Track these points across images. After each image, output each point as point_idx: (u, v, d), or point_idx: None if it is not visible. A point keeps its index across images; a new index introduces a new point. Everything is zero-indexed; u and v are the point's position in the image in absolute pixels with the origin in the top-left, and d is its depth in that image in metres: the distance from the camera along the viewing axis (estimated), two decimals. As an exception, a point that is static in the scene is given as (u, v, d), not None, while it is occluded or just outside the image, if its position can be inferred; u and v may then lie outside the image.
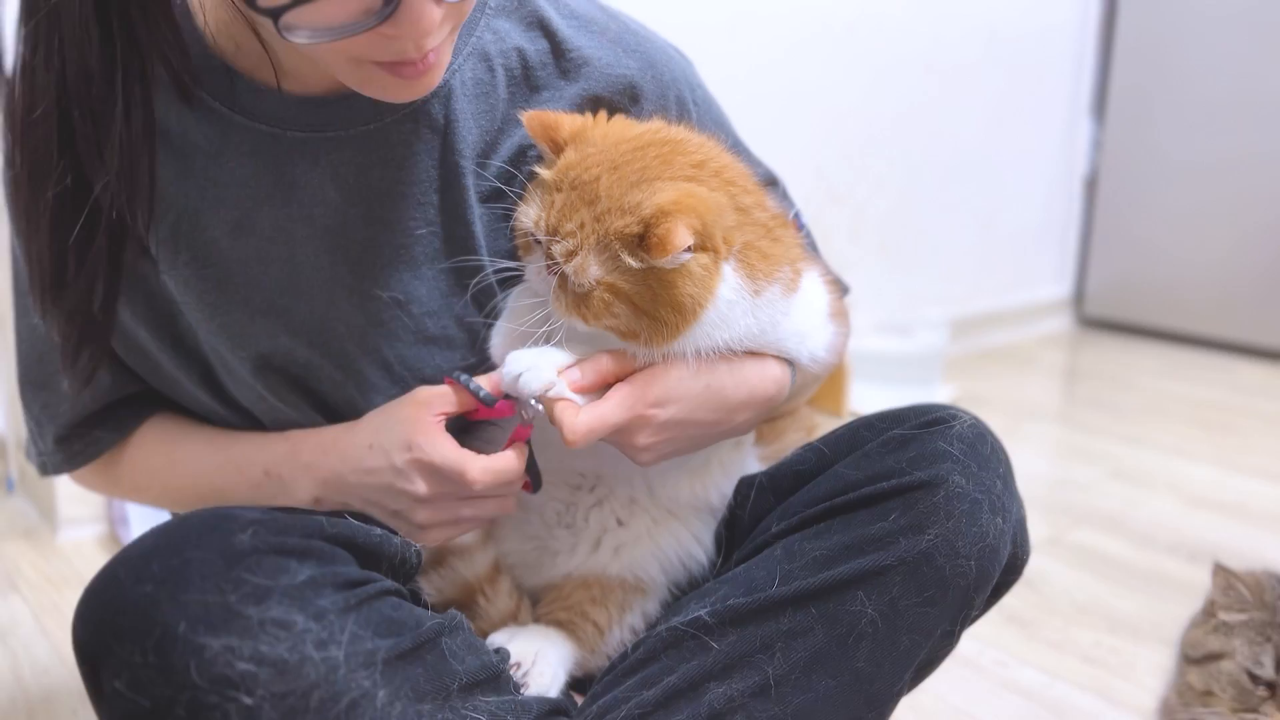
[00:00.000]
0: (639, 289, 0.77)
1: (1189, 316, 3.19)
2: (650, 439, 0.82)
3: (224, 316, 0.87)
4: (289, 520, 0.72)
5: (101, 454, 0.94)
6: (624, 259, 0.76)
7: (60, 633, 1.46)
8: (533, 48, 0.89)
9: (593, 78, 0.90)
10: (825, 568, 0.77)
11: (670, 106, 0.93)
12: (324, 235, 0.86)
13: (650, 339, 0.78)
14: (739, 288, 0.79)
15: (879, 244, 2.85)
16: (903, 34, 2.75)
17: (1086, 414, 2.62)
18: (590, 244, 0.76)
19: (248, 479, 0.90)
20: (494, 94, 0.88)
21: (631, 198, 0.76)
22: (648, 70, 0.92)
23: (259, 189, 0.84)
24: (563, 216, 0.77)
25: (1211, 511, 1.95)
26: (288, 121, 0.83)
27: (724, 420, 0.85)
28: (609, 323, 0.77)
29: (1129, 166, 3.29)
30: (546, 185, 0.80)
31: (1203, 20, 3.04)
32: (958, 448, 0.78)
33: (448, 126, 0.87)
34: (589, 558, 0.91)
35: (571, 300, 0.78)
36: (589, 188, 0.77)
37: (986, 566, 0.77)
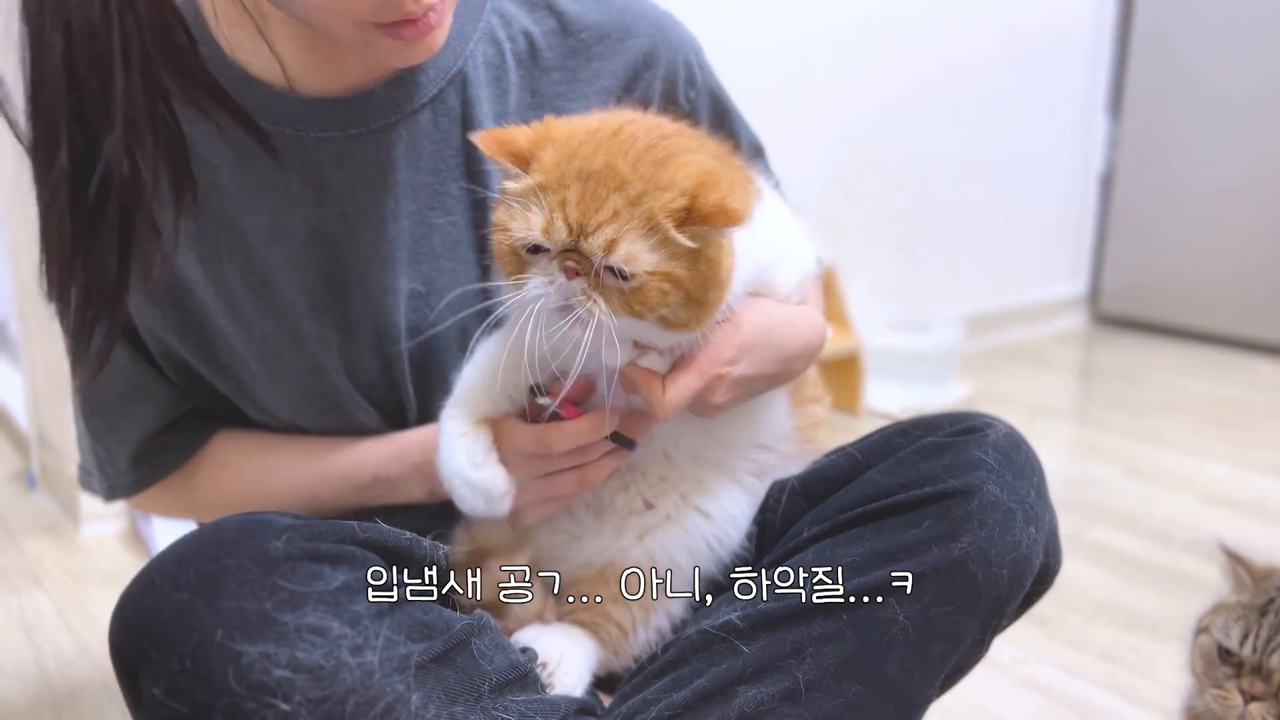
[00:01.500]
0: (691, 273, 0.74)
1: (1205, 314, 3.18)
2: (724, 396, 0.83)
3: (272, 321, 0.88)
4: (321, 526, 0.73)
5: (172, 471, 0.94)
6: (675, 238, 0.73)
7: (83, 627, 1.48)
8: (539, 29, 0.91)
9: (606, 55, 0.91)
10: (858, 574, 0.77)
11: (679, 69, 0.95)
12: (355, 232, 0.87)
13: (695, 324, 0.77)
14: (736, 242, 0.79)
15: (894, 241, 2.85)
16: (919, 31, 2.74)
17: (1102, 411, 2.62)
18: (634, 228, 0.72)
19: (354, 484, 0.91)
20: (505, 78, 0.90)
21: (664, 175, 0.73)
22: (658, 35, 0.93)
23: (289, 192, 0.86)
24: (587, 210, 0.72)
25: (1229, 509, 1.94)
26: (310, 123, 0.84)
27: (784, 370, 0.88)
28: (663, 313, 0.75)
29: (1145, 163, 3.28)
30: (537, 189, 0.75)
31: (1219, 17, 3.03)
32: (992, 456, 0.79)
33: (465, 113, 0.88)
34: (613, 541, 0.91)
35: (619, 298, 0.73)
36: (608, 174, 0.73)
37: (1019, 575, 0.78)
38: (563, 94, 0.92)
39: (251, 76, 0.84)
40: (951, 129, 2.92)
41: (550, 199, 0.73)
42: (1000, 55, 2.96)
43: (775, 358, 0.86)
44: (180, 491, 0.97)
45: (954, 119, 2.91)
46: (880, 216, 2.79)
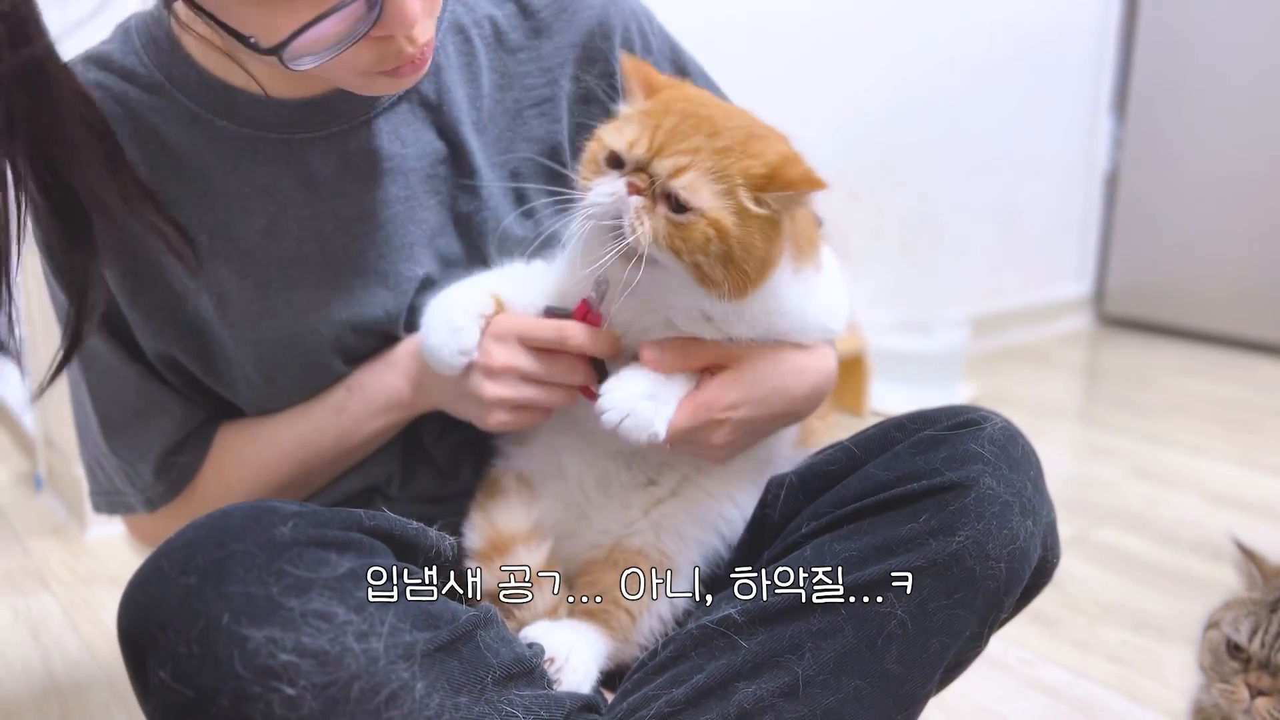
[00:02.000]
0: (740, 233, 0.78)
1: (1210, 315, 3.17)
2: (725, 439, 0.87)
3: (270, 322, 0.89)
4: (328, 513, 0.73)
5: (195, 474, 0.96)
6: (741, 197, 0.77)
7: (90, 628, 1.48)
8: (501, 13, 0.95)
9: (564, 29, 0.95)
10: (855, 568, 0.77)
11: (634, 36, 0.98)
12: (347, 225, 0.90)
13: (723, 289, 0.79)
14: (786, 262, 0.83)
15: (899, 242, 2.85)
16: (923, 30, 2.75)
17: (1108, 412, 2.61)
18: (705, 168, 0.77)
19: (332, 406, 0.93)
20: (475, 61, 0.93)
21: (754, 145, 0.79)
22: (609, 5, 0.97)
23: (281, 193, 0.88)
24: (673, 137, 0.78)
25: (1236, 510, 1.94)
26: (294, 125, 0.87)
27: (790, 413, 0.91)
28: (699, 259, 0.78)
29: (1149, 164, 3.27)
30: (643, 114, 0.81)
31: (1224, 18, 3.02)
32: (989, 450, 0.79)
33: (441, 100, 0.92)
34: (621, 514, 0.92)
35: (668, 226, 0.77)
36: (706, 121, 0.79)
37: (1016, 569, 0.77)
38: (530, 72, 0.95)
39: (230, 86, 0.86)
40: (956, 129, 2.92)
41: (647, 122, 0.80)
42: (1005, 55, 2.96)
43: (780, 403, 0.88)
44: (188, 500, 0.98)
45: (958, 119, 2.91)
46: (885, 217, 2.79)
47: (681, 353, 0.85)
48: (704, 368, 0.87)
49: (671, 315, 0.85)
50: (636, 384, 0.82)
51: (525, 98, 0.95)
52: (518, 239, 0.96)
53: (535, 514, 0.93)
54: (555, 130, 0.95)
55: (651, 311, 0.86)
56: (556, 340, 0.85)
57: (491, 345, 0.86)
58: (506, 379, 0.86)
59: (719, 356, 0.86)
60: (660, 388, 0.83)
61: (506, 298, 0.87)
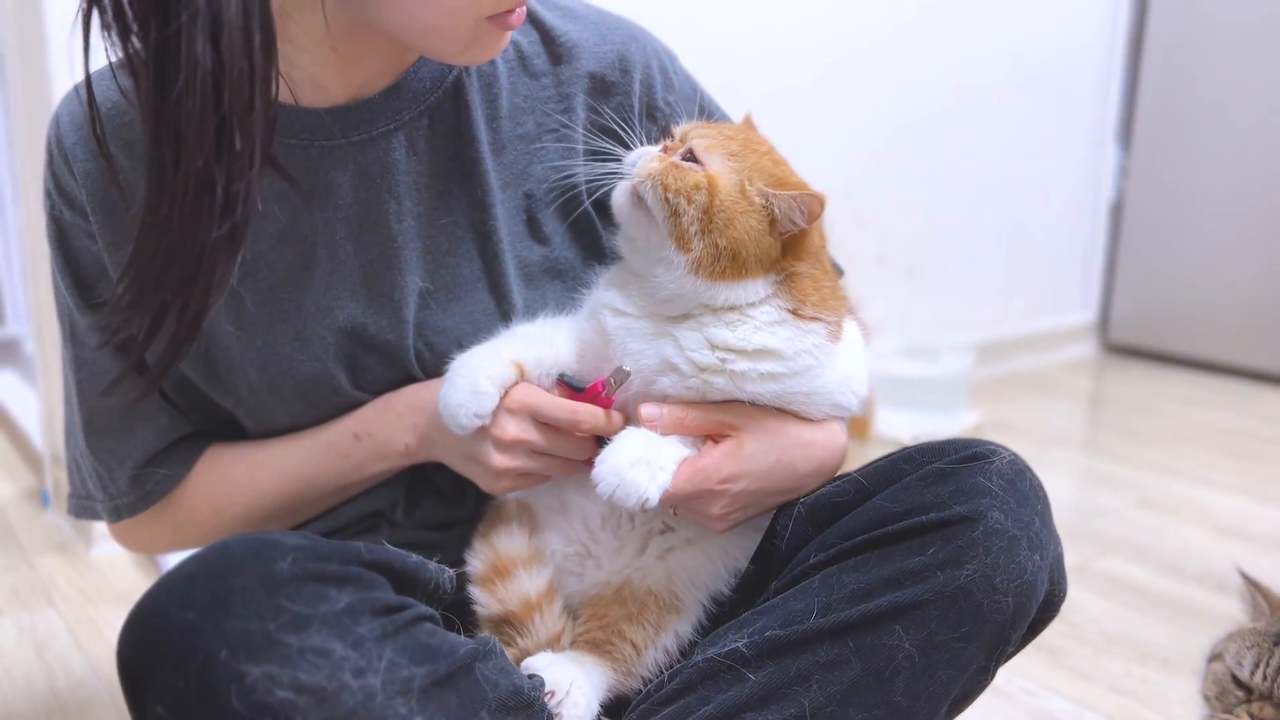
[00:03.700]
0: (729, 203, 0.83)
1: (1214, 344, 3.17)
2: (723, 510, 0.86)
3: (279, 325, 0.90)
4: (328, 547, 0.74)
5: (169, 491, 0.96)
6: (747, 186, 0.84)
7: (95, 646, 1.48)
8: (526, 39, 0.96)
9: (584, 58, 0.96)
10: (862, 600, 0.78)
11: (655, 74, 1.00)
12: (360, 234, 0.91)
13: (698, 259, 0.83)
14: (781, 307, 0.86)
15: (905, 268, 2.86)
16: (930, 60, 2.76)
17: (1112, 441, 2.61)
18: (729, 152, 0.85)
19: (337, 451, 0.94)
20: (496, 84, 0.94)
21: (777, 171, 0.87)
22: (631, 42, 0.99)
23: (296, 199, 0.88)
24: (707, 133, 0.87)
25: (1240, 541, 1.94)
26: (314, 132, 0.88)
27: (794, 488, 0.90)
28: (680, 203, 0.83)
29: (1154, 193, 3.28)
30: (699, 128, 0.90)
31: (1229, 48, 3.04)
32: (997, 483, 0.79)
33: (459, 119, 0.93)
34: (633, 560, 0.92)
35: (669, 166, 0.84)
36: (741, 139, 0.88)
37: (1024, 603, 0.78)
38: (549, 97, 0.97)
39: None
40: (963, 156, 2.93)
41: (697, 129, 0.89)
42: (1011, 84, 2.98)
43: (782, 478, 0.88)
44: (172, 513, 0.98)
45: (965, 147, 2.93)
46: (891, 243, 2.80)
47: (679, 414, 0.85)
48: (705, 433, 0.86)
49: (667, 353, 0.85)
50: (630, 451, 0.82)
51: (545, 122, 0.96)
52: (531, 261, 0.96)
53: (537, 541, 0.93)
54: (569, 155, 0.96)
55: (650, 344, 0.86)
56: (569, 422, 0.86)
57: (505, 418, 0.86)
58: (516, 451, 0.87)
59: (719, 424, 0.86)
60: (656, 452, 0.83)
61: (527, 363, 0.88)
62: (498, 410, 0.85)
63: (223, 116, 0.68)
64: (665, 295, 0.86)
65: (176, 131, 0.68)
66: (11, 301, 2.96)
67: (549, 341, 0.89)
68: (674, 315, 0.87)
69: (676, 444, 0.85)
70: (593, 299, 0.92)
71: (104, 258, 0.89)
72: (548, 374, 0.88)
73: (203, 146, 0.68)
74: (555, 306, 0.95)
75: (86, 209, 0.88)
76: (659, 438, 0.84)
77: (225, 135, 0.68)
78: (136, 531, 1.00)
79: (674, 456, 0.83)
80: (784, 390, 0.86)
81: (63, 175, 0.89)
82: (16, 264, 2.92)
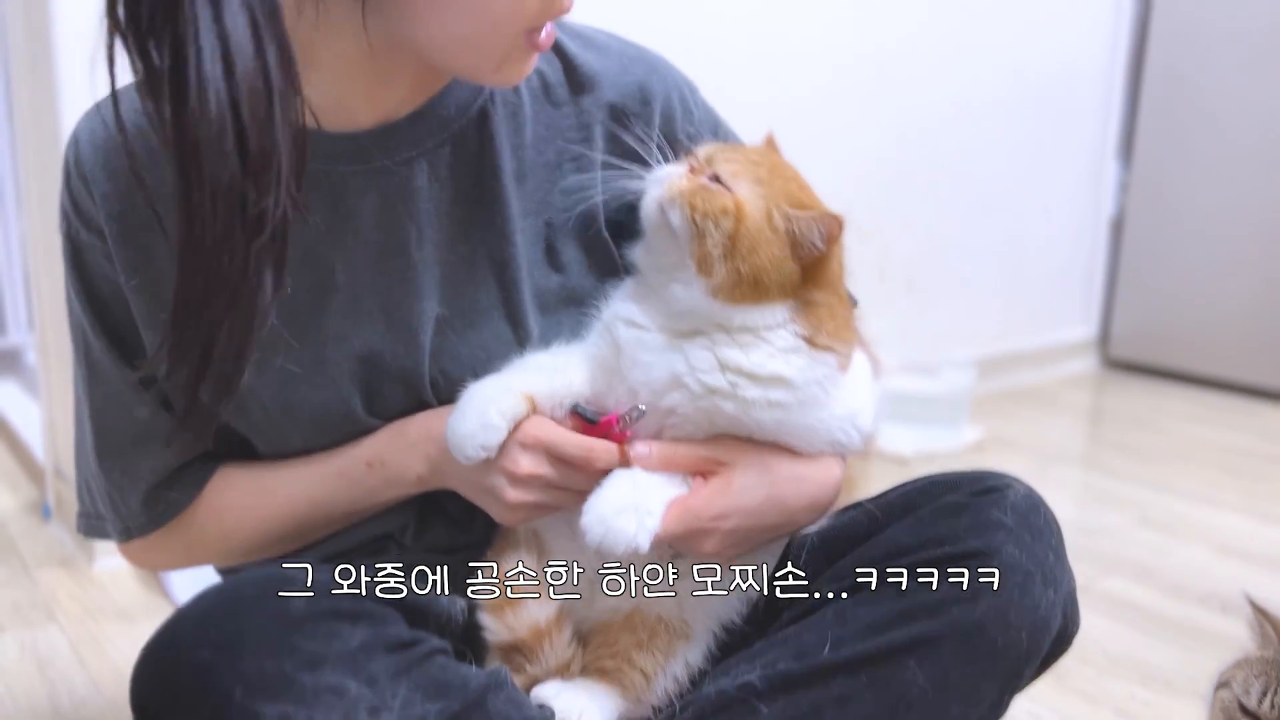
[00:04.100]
0: (754, 230, 0.84)
1: (1214, 360, 3.18)
2: (715, 546, 0.86)
3: (296, 350, 0.90)
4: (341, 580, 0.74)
5: (179, 513, 0.96)
6: (773, 213, 0.84)
7: (98, 663, 1.48)
8: (549, 68, 0.96)
9: (606, 88, 0.96)
10: (876, 634, 0.78)
11: (675, 105, 1.00)
12: (379, 260, 0.90)
13: (718, 283, 0.84)
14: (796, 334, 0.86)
15: (906, 283, 2.86)
16: (932, 76, 2.77)
17: (1113, 458, 2.61)
18: (755, 178, 0.86)
19: (349, 478, 0.93)
20: (521, 112, 0.94)
21: (801, 195, 0.89)
22: (653, 74, 0.99)
23: (317, 224, 0.88)
24: (732, 156, 0.88)
25: (1243, 561, 1.94)
26: (336, 157, 0.87)
27: (787, 522, 0.89)
28: (708, 226, 0.83)
29: (1155, 209, 3.29)
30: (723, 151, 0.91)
31: (1231, 65, 3.05)
32: (1011, 518, 0.79)
33: (483, 148, 0.92)
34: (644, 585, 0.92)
35: (696, 186, 0.85)
36: (768, 163, 0.89)
37: (1037, 638, 0.78)
38: (570, 126, 0.97)
39: None
40: (963, 172, 2.94)
41: (722, 152, 0.90)
42: (1012, 100, 2.99)
43: (774, 514, 0.88)
44: (181, 533, 0.98)
45: (966, 162, 2.93)
46: (891, 258, 2.81)
47: (670, 452, 0.85)
48: (696, 470, 0.86)
49: (676, 368, 0.85)
50: (616, 497, 0.82)
51: (566, 151, 0.96)
52: (548, 289, 0.97)
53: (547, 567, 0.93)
54: (588, 184, 0.96)
55: (660, 357, 0.86)
56: (583, 459, 0.85)
57: (518, 453, 0.85)
58: (530, 486, 0.86)
59: (709, 460, 0.86)
60: (644, 495, 0.82)
61: (540, 395, 0.88)
62: (511, 444, 0.85)
63: (242, 133, 0.68)
64: (680, 310, 0.86)
65: (197, 151, 0.68)
66: (13, 310, 2.95)
67: (562, 371, 0.89)
68: (686, 330, 0.87)
69: (665, 483, 0.85)
70: (607, 312, 0.92)
71: (119, 279, 0.89)
72: (560, 405, 0.88)
73: (225, 164, 0.68)
74: (570, 334, 0.95)
75: (104, 230, 0.88)
76: (647, 478, 0.84)
77: (246, 152, 0.69)
78: (146, 551, 1.00)
79: (662, 498, 0.83)
80: (786, 420, 0.86)
81: (81, 196, 0.89)
82: (19, 273, 2.91)
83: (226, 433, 0.96)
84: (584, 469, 0.86)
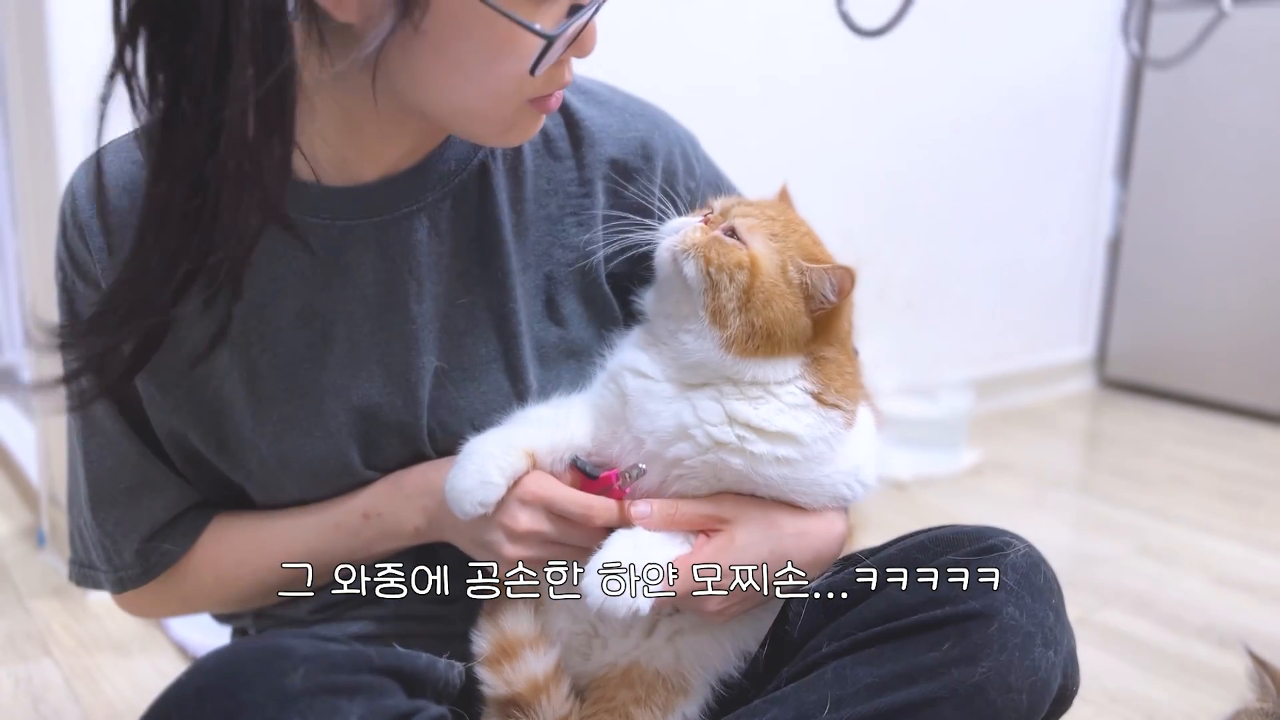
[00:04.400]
0: (769, 284, 0.84)
1: (1210, 382, 3.18)
2: (719, 605, 0.86)
3: (295, 402, 0.90)
4: (338, 655, 0.73)
5: (174, 564, 0.96)
6: (788, 267, 0.85)
7: (91, 697, 1.47)
8: (551, 122, 0.95)
9: (607, 143, 0.96)
10: (877, 695, 0.77)
11: (677, 161, 1.00)
12: (379, 314, 0.90)
13: (731, 336, 0.84)
14: (805, 389, 0.86)
15: (904, 303, 2.86)
16: (930, 98, 2.78)
17: (1110, 482, 2.61)
18: (770, 233, 0.86)
19: (346, 530, 0.93)
20: (521, 166, 0.94)
21: (814, 250, 0.89)
22: (655, 130, 0.99)
23: (316, 277, 0.88)
24: (749, 210, 0.89)
25: (1241, 591, 1.93)
26: (336, 212, 0.87)
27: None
28: (723, 280, 0.84)
29: (1152, 229, 3.30)
30: (741, 203, 0.92)
31: (1228, 86, 3.06)
32: (1012, 577, 0.79)
33: (483, 201, 0.92)
34: (641, 643, 0.91)
35: (712, 240, 0.85)
36: (784, 219, 0.89)
37: (1037, 700, 0.77)
38: (573, 179, 0.96)
39: None
40: (961, 192, 2.94)
41: (739, 206, 0.91)
42: (1011, 120, 2.99)
43: (779, 569, 0.87)
44: (177, 583, 0.97)
45: (964, 183, 2.94)
46: (891, 280, 2.81)
47: (671, 510, 0.85)
48: (697, 529, 0.86)
49: (685, 419, 0.85)
50: (617, 558, 0.81)
51: (567, 205, 0.96)
52: (548, 342, 0.96)
53: (543, 621, 0.92)
54: (589, 239, 0.96)
55: (668, 406, 0.86)
56: (582, 516, 0.85)
57: (517, 510, 0.85)
58: (529, 542, 0.86)
59: (710, 518, 0.86)
60: (646, 555, 0.81)
61: (540, 450, 0.87)
62: (510, 500, 0.85)
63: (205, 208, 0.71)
64: (690, 362, 0.86)
65: (165, 209, 0.72)
66: (8, 329, 2.95)
67: (563, 425, 0.89)
68: (695, 382, 0.86)
69: (666, 543, 0.84)
70: (612, 362, 0.91)
71: None
72: (561, 459, 0.88)
73: (185, 227, 0.72)
74: (570, 387, 0.94)
75: (100, 283, 0.87)
76: (648, 538, 0.83)
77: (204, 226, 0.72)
78: (140, 601, 0.99)
79: (663, 558, 0.82)
80: (792, 476, 0.86)
81: (77, 248, 0.88)
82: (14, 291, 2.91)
83: (222, 482, 0.95)
84: (583, 526, 0.85)
